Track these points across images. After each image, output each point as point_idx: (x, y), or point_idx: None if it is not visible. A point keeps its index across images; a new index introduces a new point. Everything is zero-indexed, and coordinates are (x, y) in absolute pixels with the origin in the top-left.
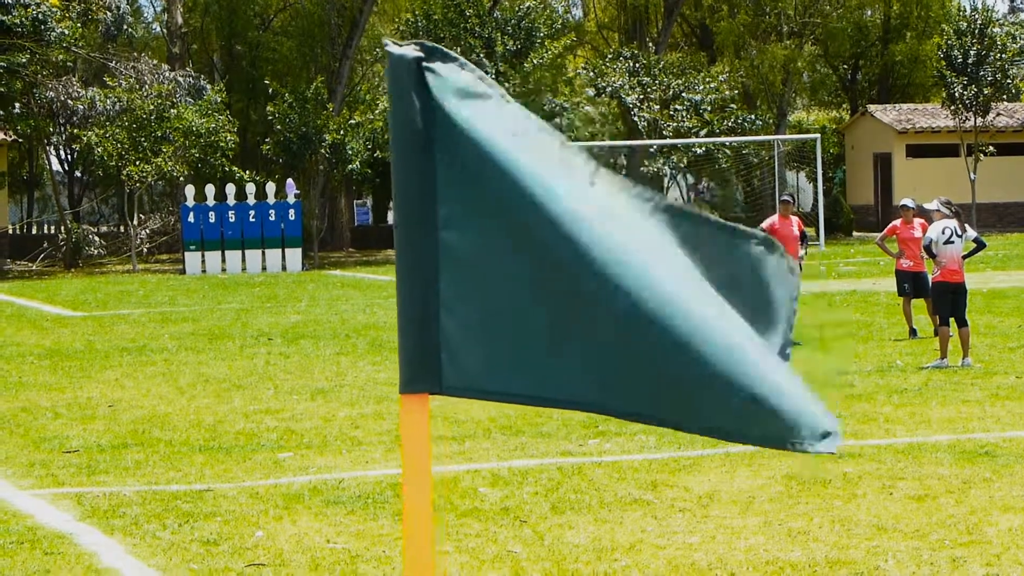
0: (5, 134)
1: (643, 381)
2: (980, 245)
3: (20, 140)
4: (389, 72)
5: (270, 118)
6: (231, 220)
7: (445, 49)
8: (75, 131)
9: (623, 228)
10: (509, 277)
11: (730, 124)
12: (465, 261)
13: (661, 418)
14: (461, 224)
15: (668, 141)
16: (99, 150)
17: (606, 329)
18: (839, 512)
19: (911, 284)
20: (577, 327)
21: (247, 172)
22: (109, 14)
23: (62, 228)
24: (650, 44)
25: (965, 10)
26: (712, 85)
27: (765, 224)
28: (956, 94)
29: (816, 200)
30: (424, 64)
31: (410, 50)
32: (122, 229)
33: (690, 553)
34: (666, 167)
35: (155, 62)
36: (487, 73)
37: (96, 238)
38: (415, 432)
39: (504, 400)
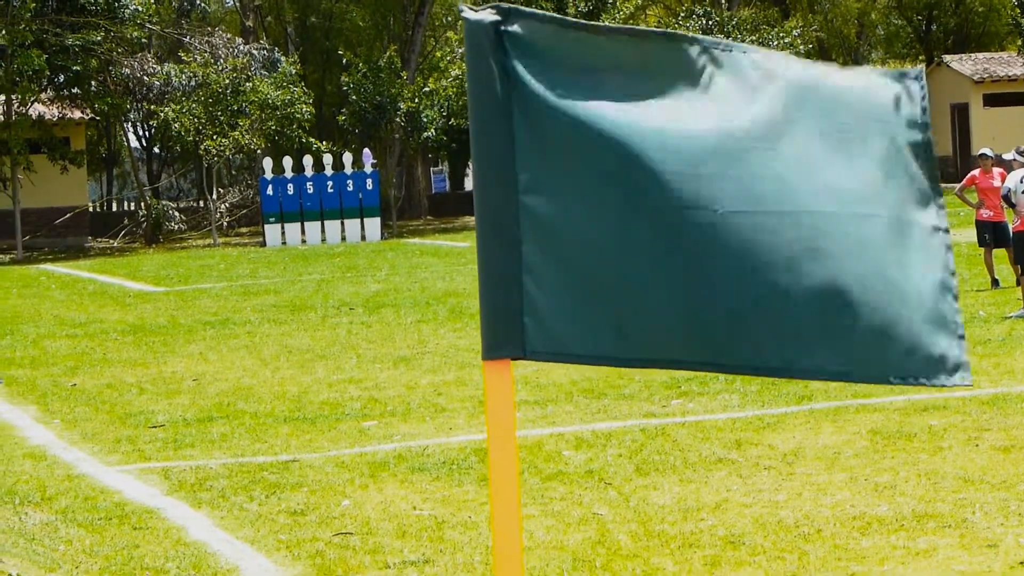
0: (83, 112)
1: (745, 332)
2: None
3: (98, 118)
4: (466, 38)
5: (345, 88)
6: (309, 191)
7: (521, 8)
8: (152, 107)
9: (731, 166)
10: (593, 238)
11: None
12: (547, 225)
13: (766, 366)
14: (542, 188)
15: None
16: (176, 125)
17: (704, 283)
18: (925, 465)
19: (991, 234)
20: (670, 283)
21: (324, 143)
22: None
23: (142, 204)
24: (722, 0)
25: None
26: (787, 40)
27: None
28: None
29: None
30: (502, 27)
31: (487, 14)
32: (201, 204)
33: (776, 511)
34: None
35: (229, 36)
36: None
37: (176, 213)
38: (499, 398)
39: (591, 362)
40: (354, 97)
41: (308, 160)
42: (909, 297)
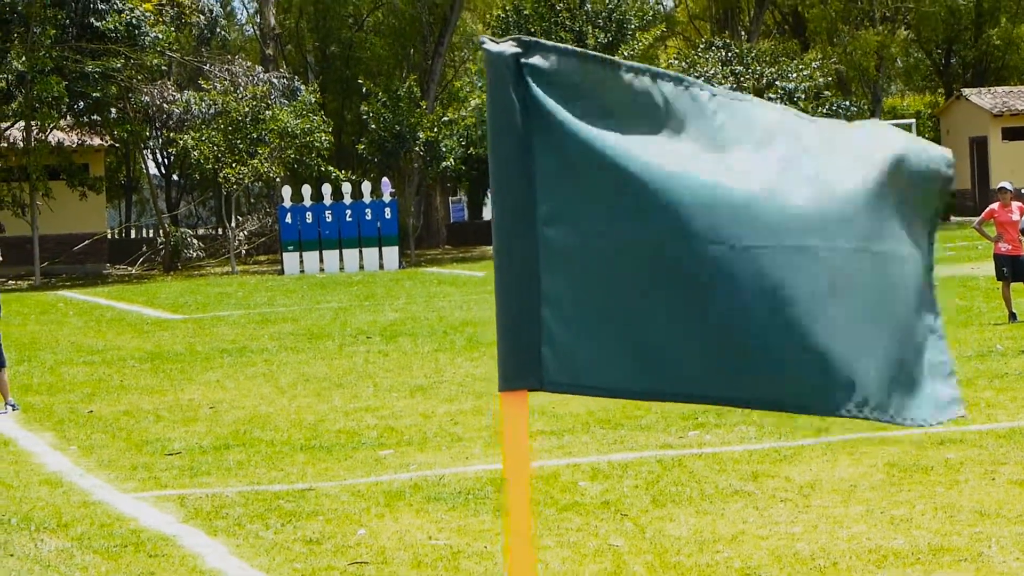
0: (102, 139)
1: (761, 368)
2: None
3: (117, 145)
4: (487, 69)
5: (364, 117)
6: (328, 220)
7: (542, 40)
8: (171, 135)
9: (747, 199)
10: (614, 271)
11: (825, 111)
12: (567, 256)
13: (782, 403)
14: (562, 219)
15: None
16: (195, 153)
17: (723, 318)
18: (941, 499)
19: (1010, 268)
20: (690, 318)
21: (343, 172)
22: (202, 17)
23: (160, 231)
24: (742, 32)
25: None
26: (805, 72)
27: None
28: None
29: None
30: (522, 60)
31: (507, 46)
32: (220, 231)
33: (792, 543)
34: None
35: (249, 64)
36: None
37: (194, 241)
38: (515, 429)
39: (609, 395)
40: (373, 126)
41: (327, 188)
42: (907, 336)
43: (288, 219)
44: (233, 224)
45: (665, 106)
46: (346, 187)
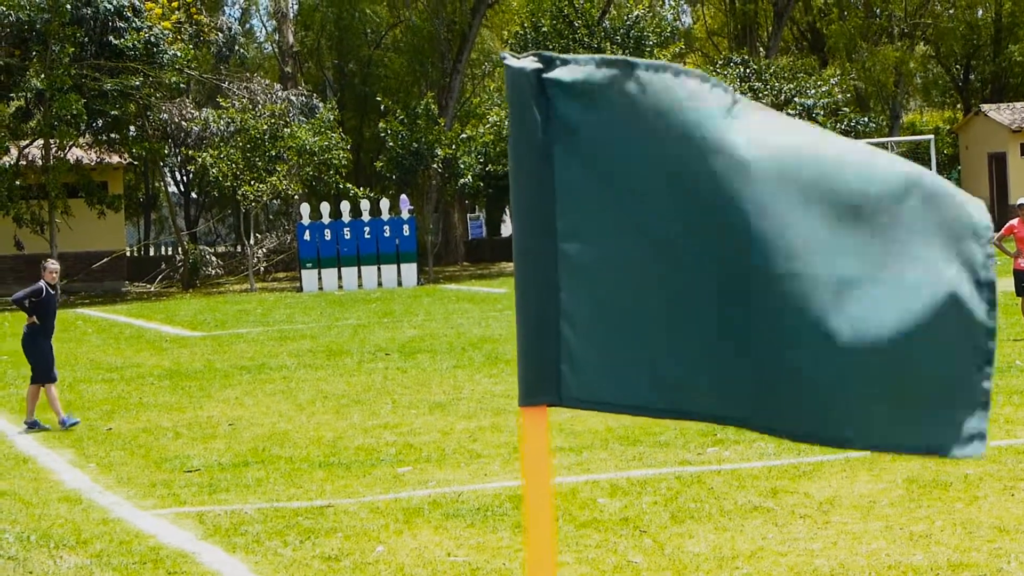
0: (121, 157)
1: (780, 393)
2: None
3: (135, 163)
4: (508, 86)
5: (382, 135)
6: (346, 237)
7: (561, 55)
8: (190, 152)
9: (767, 218)
10: (633, 287)
11: (843, 127)
12: (586, 272)
13: (792, 431)
14: (581, 235)
15: None
16: (214, 171)
17: (737, 338)
18: (961, 515)
19: None
20: (706, 337)
21: (361, 189)
22: (221, 35)
23: (179, 249)
24: (760, 49)
25: None
26: (824, 88)
27: None
28: None
29: None
30: (544, 75)
31: (529, 62)
32: (239, 249)
33: (812, 559)
34: None
35: (267, 82)
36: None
37: (213, 258)
38: (535, 444)
39: (626, 412)
40: (391, 143)
41: (345, 206)
42: (933, 363)
43: (307, 236)
44: (252, 241)
45: (687, 104)
46: (364, 204)
